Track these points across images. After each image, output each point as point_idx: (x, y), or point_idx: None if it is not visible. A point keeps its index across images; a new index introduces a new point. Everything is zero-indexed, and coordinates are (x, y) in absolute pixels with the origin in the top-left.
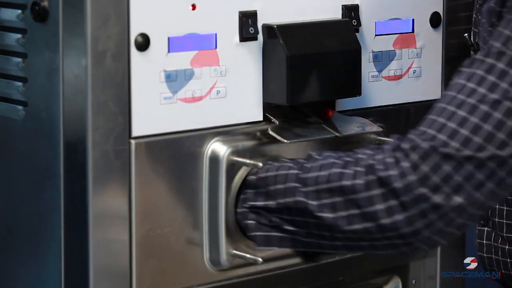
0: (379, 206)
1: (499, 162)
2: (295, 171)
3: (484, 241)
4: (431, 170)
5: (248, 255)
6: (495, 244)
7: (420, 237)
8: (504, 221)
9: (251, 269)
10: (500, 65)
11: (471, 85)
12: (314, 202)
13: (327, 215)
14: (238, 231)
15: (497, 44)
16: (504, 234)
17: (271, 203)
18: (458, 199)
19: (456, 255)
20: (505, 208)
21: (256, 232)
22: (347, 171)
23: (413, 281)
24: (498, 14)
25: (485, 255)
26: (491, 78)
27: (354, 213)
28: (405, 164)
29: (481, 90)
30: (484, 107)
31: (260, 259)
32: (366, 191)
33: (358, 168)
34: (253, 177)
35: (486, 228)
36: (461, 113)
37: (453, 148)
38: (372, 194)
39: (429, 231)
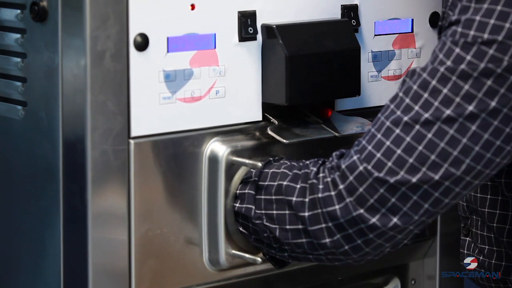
0: (321, 225)
1: (432, 184)
2: (256, 178)
3: (465, 251)
4: (367, 193)
5: (247, 255)
6: (473, 254)
7: (362, 254)
8: (479, 232)
9: (250, 269)
10: (434, 82)
11: (407, 100)
12: (258, 211)
13: (269, 224)
14: (237, 231)
15: (433, 63)
16: (479, 245)
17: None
18: (394, 220)
19: (456, 255)
20: (479, 219)
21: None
22: (295, 185)
23: (413, 281)
24: (440, 28)
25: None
26: (425, 95)
27: (298, 228)
28: (343, 186)
29: (416, 107)
30: (417, 127)
31: (259, 259)
32: (310, 210)
33: (304, 185)
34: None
35: (467, 239)
36: (397, 131)
37: (386, 172)
38: (315, 213)
39: (370, 248)
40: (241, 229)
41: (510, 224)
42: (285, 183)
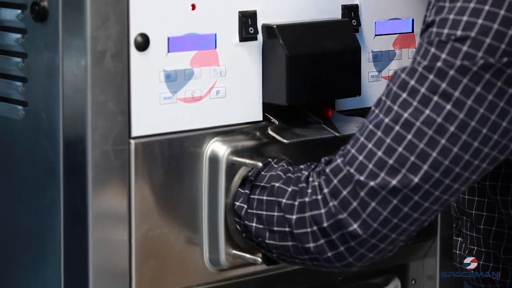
0: (306, 229)
1: (412, 187)
2: (252, 178)
3: (457, 251)
4: (351, 196)
5: (247, 255)
6: (464, 254)
7: (346, 263)
8: (468, 232)
9: (251, 269)
10: (412, 82)
11: (388, 102)
12: (250, 210)
13: (253, 224)
14: (238, 231)
15: (413, 64)
16: (469, 246)
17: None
18: (374, 225)
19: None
20: (469, 220)
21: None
22: (286, 188)
23: (413, 281)
24: (421, 31)
25: (458, 265)
26: (404, 95)
27: (285, 230)
28: (327, 190)
29: (395, 108)
30: (397, 128)
31: (260, 259)
32: (298, 213)
33: (295, 188)
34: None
35: (459, 239)
36: (378, 133)
37: (367, 175)
38: (302, 217)
39: (353, 258)
40: (237, 225)
41: (497, 226)
42: (277, 184)
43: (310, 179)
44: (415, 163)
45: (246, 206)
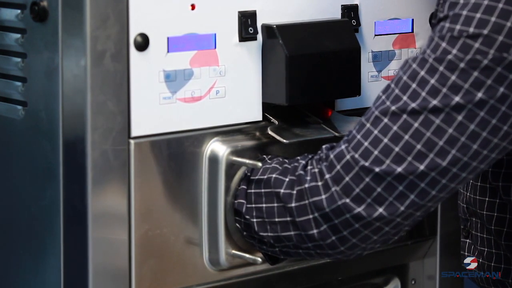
0: (308, 216)
1: (417, 174)
2: (248, 173)
3: (466, 253)
4: (353, 182)
5: (247, 255)
6: (473, 256)
7: (350, 245)
8: (479, 234)
9: (251, 269)
10: (422, 73)
11: (396, 90)
12: (249, 205)
13: (253, 219)
14: (238, 230)
15: (423, 55)
16: (478, 247)
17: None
18: (379, 210)
19: (456, 255)
20: (479, 221)
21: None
22: (283, 178)
23: (413, 281)
24: (431, 26)
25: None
26: (413, 85)
27: (287, 220)
28: (329, 175)
29: (404, 97)
30: (404, 117)
31: (259, 259)
32: (297, 201)
33: (292, 177)
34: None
35: (468, 240)
36: (385, 120)
37: (372, 161)
38: (302, 205)
39: (357, 239)
40: (237, 224)
41: (508, 227)
42: (274, 176)
43: (309, 167)
44: (421, 152)
45: (245, 202)
